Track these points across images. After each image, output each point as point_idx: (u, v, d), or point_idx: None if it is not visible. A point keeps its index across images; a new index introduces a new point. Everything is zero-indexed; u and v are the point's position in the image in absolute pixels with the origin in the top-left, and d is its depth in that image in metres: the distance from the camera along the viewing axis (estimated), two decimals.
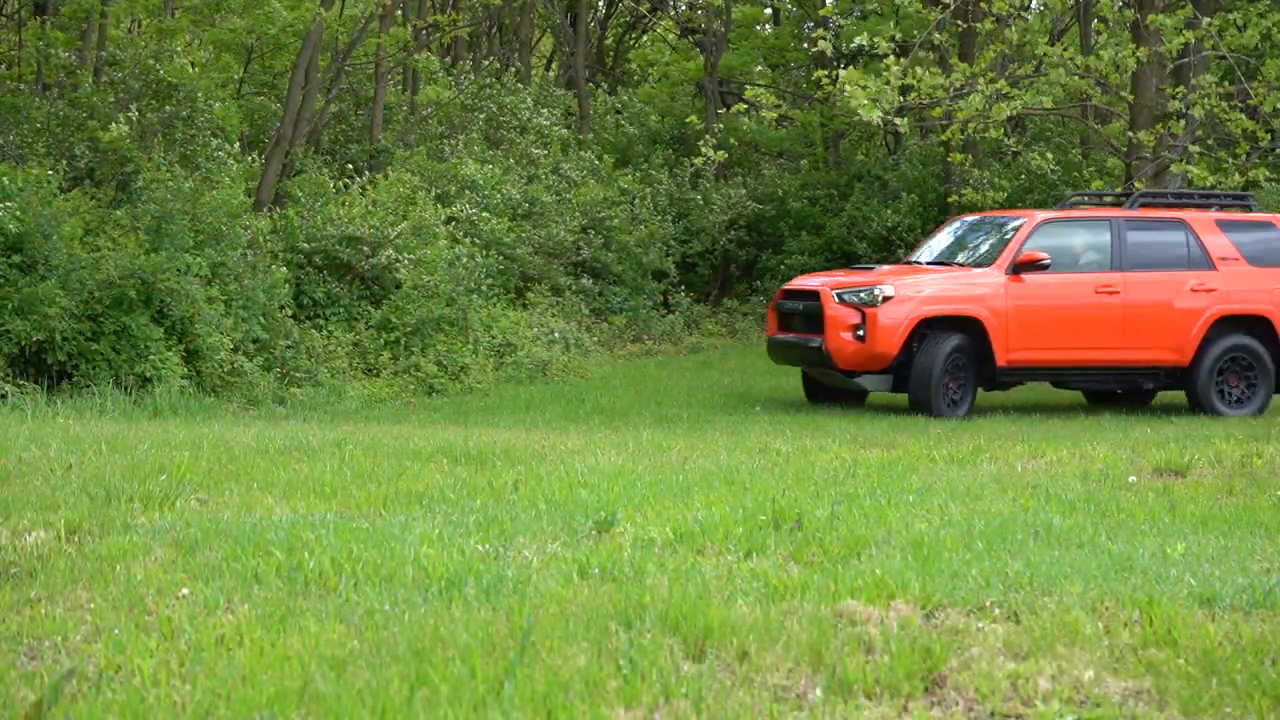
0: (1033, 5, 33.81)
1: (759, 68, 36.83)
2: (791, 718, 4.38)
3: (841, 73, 18.86)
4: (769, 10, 37.71)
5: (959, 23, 22.44)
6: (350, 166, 22.89)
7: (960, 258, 16.21)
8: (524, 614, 5.05)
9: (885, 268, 16.16)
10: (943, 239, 17.09)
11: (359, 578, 5.66)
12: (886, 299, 15.07)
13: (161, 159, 17.91)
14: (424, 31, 26.78)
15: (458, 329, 18.96)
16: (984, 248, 16.14)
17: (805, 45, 33.08)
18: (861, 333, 15.04)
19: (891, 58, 18.93)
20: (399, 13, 25.89)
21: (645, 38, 42.85)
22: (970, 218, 17.55)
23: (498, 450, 9.81)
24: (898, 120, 19.43)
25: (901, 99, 19.61)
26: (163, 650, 4.77)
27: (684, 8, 39.00)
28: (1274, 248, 16.49)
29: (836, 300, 15.22)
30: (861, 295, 15.14)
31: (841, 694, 4.54)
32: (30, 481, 7.78)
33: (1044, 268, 15.46)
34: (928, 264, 16.30)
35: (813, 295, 15.60)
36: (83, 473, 8.09)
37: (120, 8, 22.53)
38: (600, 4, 39.54)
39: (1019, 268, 15.46)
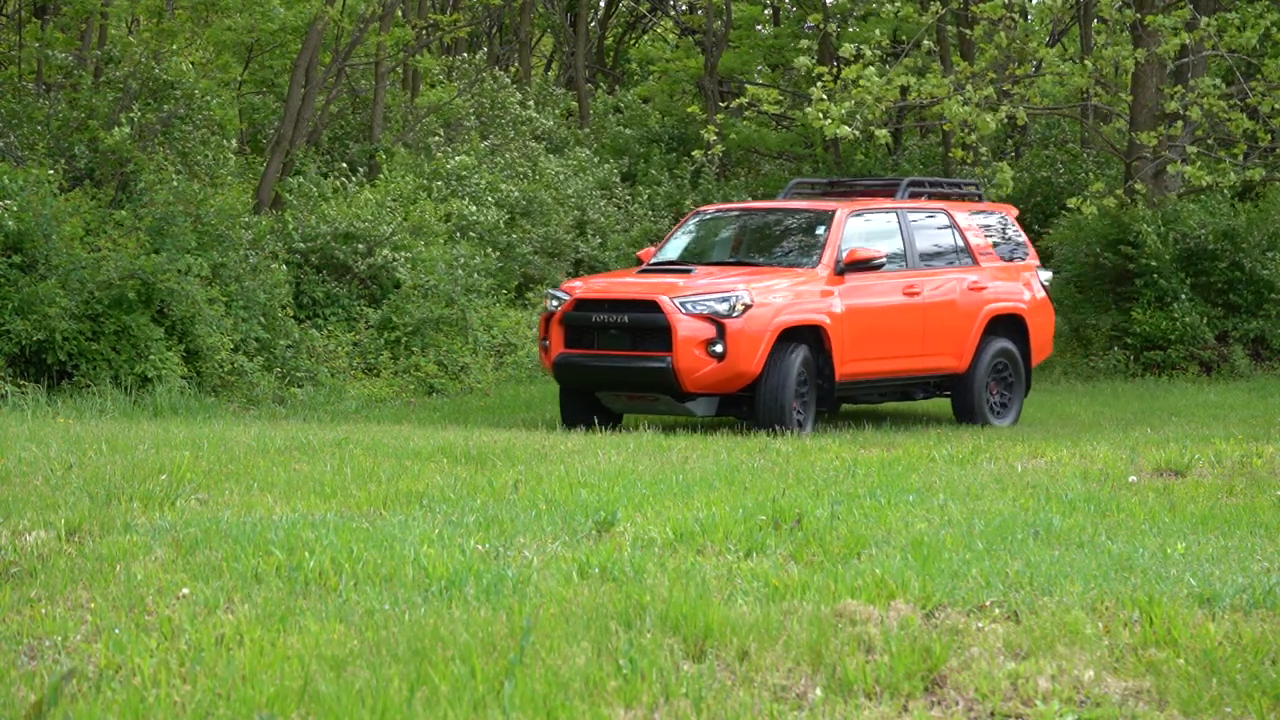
0: (1033, 2, 33.79)
1: (759, 68, 36.82)
2: (791, 717, 4.38)
3: (819, 83, 18.80)
4: (769, 10, 37.71)
5: (951, 27, 22.45)
6: (346, 166, 22.90)
7: (744, 256, 14.08)
8: (524, 614, 5.05)
9: (700, 269, 13.66)
10: (695, 234, 14.85)
11: (359, 578, 5.66)
12: (746, 308, 12.75)
13: (163, 159, 17.92)
14: (424, 31, 26.77)
15: (458, 329, 18.97)
16: (782, 244, 14.19)
17: (805, 44, 33.08)
18: (720, 349, 12.64)
19: (872, 68, 18.86)
20: (399, 13, 25.88)
21: (645, 37, 42.88)
22: (721, 208, 15.48)
23: (498, 450, 9.81)
24: (877, 131, 19.41)
25: (902, 100, 19.63)
26: (163, 650, 4.77)
27: (684, 8, 39.02)
28: (1012, 241, 15.18)
29: (683, 311, 12.75)
30: (714, 304, 12.78)
31: (841, 694, 4.54)
32: (30, 481, 7.78)
33: (876, 267, 13.59)
34: (715, 264, 13.94)
35: (644, 305, 12.98)
36: (83, 473, 8.09)
37: (121, 7, 22.52)
38: (600, 4, 39.56)
39: (847, 267, 13.50)
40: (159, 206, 16.36)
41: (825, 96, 18.49)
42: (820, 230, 13.83)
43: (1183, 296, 20.46)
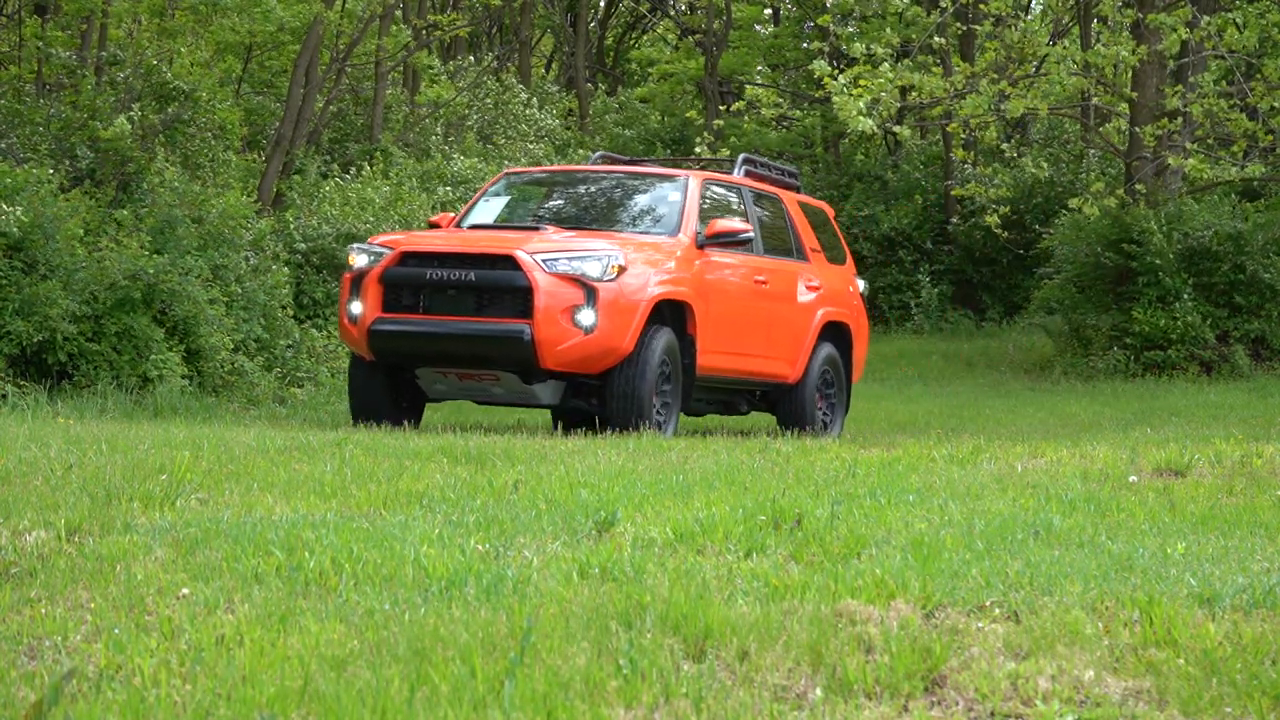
0: (1033, 4, 33.81)
1: (759, 68, 36.83)
2: (791, 717, 4.38)
3: (839, 78, 18.73)
4: (769, 10, 37.72)
5: (960, 25, 22.48)
6: (346, 166, 22.93)
7: (579, 223, 12.09)
8: (524, 614, 5.05)
9: (548, 226, 11.69)
10: (509, 198, 12.86)
11: (359, 578, 5.66)
12: (620, 270, 10.79)
13: (165, 160, 17.93)
14: (424, 31, 26.78)
15: None
16: (623, 210, 12.31)
17: (805, 45, 33.12)
18: (590, 319, 10.65)
19: (888, 65, 18.83)
20: (398, 13, 25.90)
21: (645, 38, 42.90)
22: (537, 170, 13.97)
23: (498, 450, 9.81)
24: (897, 128, 19.41)
25: (902, 100, 19.64)
26: (163, 650, 4.77)
27: (684, 8, 39.01)
28: (833, 240, 13.70)
29: (546, 269, 10.69)
30: (582, 263, 10.75)
31: (841, 694, 4.54)
32: (30, 481, 7.78)
33: (742, 243, 11.81)
34: (531, 226, 11.84)
35: (495, 260, 10.81)
36: (83, 473, 8.09)
37: (122, 7, 22.53)
38: (600, 4, 39.55)
39: (708, 241, 11.58)
40: (161, 208, 16.38)
41: (845, 85, 18.19)
42: (671, 197, 11.99)
43: (1185, 296, 20.46)
